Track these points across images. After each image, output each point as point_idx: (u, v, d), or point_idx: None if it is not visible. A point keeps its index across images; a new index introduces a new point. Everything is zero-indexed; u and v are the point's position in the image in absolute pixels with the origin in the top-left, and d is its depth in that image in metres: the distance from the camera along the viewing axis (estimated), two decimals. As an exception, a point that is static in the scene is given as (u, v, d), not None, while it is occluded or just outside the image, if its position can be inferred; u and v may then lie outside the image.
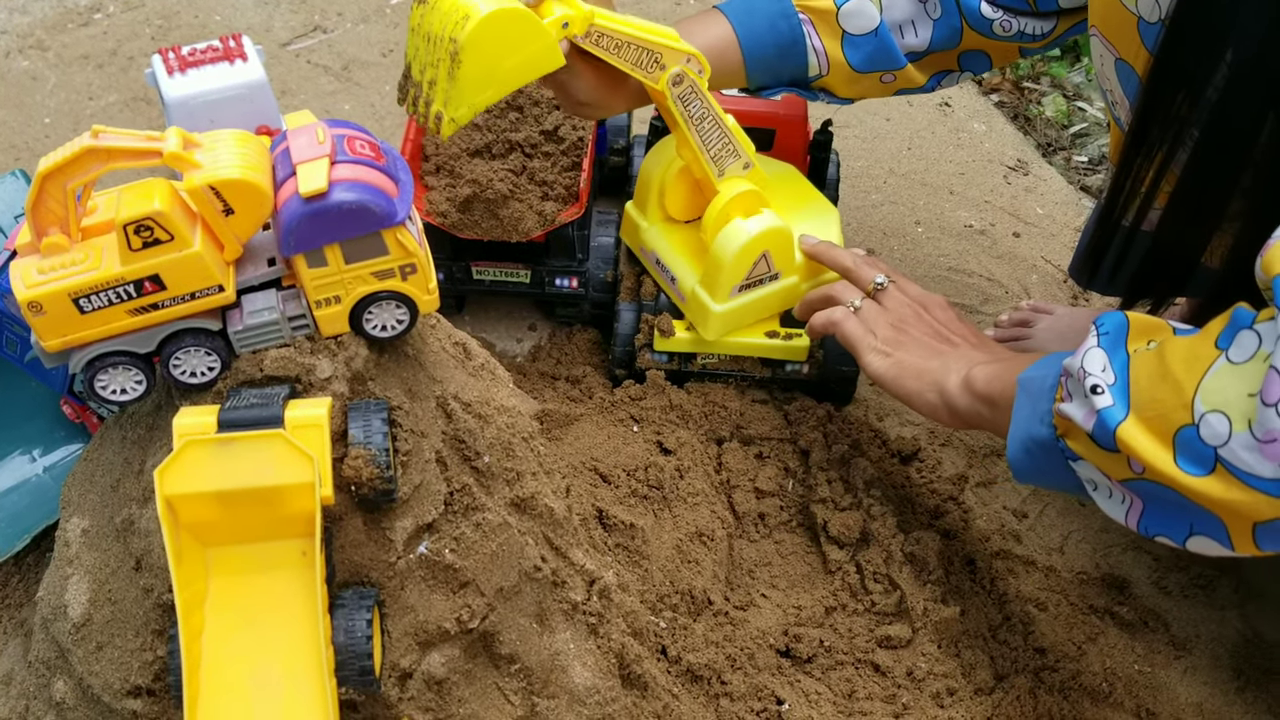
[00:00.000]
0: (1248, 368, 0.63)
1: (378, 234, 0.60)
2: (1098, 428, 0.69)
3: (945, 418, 0.90)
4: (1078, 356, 0.73)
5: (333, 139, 0.60)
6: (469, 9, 0.79)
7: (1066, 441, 0.74)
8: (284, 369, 0.62)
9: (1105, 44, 0.88)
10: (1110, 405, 0.69)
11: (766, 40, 1.00)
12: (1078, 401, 0.72)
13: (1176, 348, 0.68)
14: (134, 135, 0.56)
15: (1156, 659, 0.98)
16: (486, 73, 0.82)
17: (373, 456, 0.61)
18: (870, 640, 0.95)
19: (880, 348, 0.94)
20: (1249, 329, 0.64)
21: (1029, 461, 0.79)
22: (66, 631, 0.67)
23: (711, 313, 1.03)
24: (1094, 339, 0.73)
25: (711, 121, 0.96)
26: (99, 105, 1.48)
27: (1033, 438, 0.77)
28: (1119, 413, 0.69)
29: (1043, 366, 0.79)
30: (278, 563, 0.60)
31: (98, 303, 0.58)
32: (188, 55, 1.31)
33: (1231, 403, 0.63)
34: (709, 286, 1.02)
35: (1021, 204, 1.41)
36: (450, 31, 0.80)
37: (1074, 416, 0.72)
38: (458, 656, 0.67)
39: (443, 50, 0.81)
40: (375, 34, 1.60)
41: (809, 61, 1.03)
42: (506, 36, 0.81)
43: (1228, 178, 0.79)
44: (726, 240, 1.00)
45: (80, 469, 0.71)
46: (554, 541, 0.74)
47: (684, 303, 1.06)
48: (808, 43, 1.02)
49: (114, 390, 0.62)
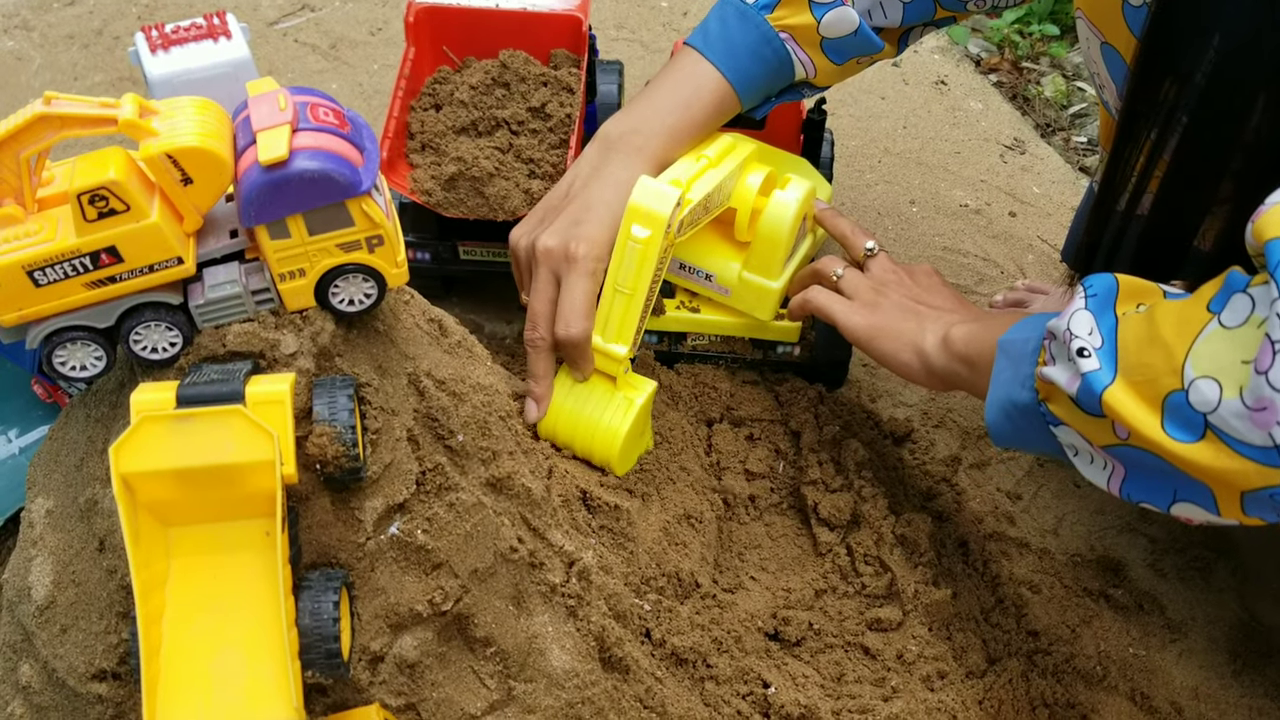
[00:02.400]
0: (1241, 333, 0.62)
1: (342, 204, 0.58)
2: (1083, 392, 0.68)
3: (922, 377, 0.90)
4: (1063, 318, 0.71)
5: (295, 106, 0.59)
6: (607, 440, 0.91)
7: (1048, 406, 0.73)
8: (247, 344, 0.60)
9: (1091, 28, 0.86)
10: (1097, 369, 0.67)
11: (756, 73, 1.00)
12: (1061, 365, 0.71)
13: (1167, 311, 0.66)
14: (88, 102, 0.55)
15: (1152, 642, 0.96)
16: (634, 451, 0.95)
17: (338, 434, 0.59)
18: (860, 623, 0.94)
19: (857, 309, 0.95)
20: (1243, 293, 0.63)
21: (1008, 425, 0.78)
22: (31, 614, 0.65)
23: (771, 291, 1.03)
24: (1081, 300, 0.71)
25: (699, 209, 0.96)
26: (84, 85, 1.46)
27: (1013, 401, 0.76)
28: (1106, 376, 0.67)
29: (1024, 329, 0.78)
30: (241, 543, 0.58)
31: (53, 275, 0.57)
32: (171, 33, 1.29)
33: (1224, 369, 0.62)
34: (762, 269, 1.02)
35: (1018, 183, 1.39)
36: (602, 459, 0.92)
37: (1057, 380, 0.70)
38: (431, 639, 0.66)
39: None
40: (363, 12, 1.58)
41: (795, 72, 1.03)
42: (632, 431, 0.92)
43: (1218, 161, 0.78)
44: (776, 218, 1.00)
45: (45, 448, 0.70)
46: (531, 522, 0.73)
47: (729, 295, 1.05)
48: (793, 58, 1.02)
49: (73, 366, 0.61)
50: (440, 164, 1.09)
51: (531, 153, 1.10)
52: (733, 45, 0.99)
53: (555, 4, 1.18)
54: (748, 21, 1.00)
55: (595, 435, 0.91)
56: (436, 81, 1.17)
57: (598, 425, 0.90)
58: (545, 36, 1.18)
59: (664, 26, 1.57)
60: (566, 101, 1.13)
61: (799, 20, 1.00)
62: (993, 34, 1.76)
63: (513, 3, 1.18)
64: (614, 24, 1.57)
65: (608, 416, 0.91)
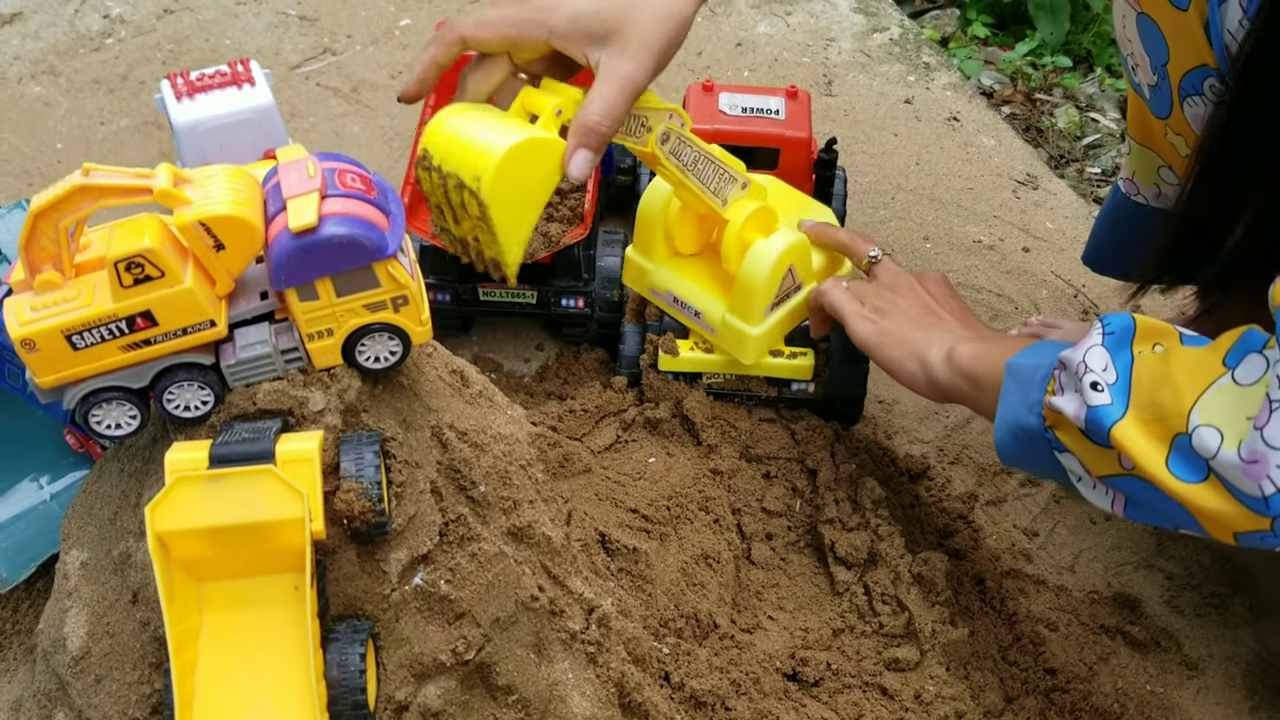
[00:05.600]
0: (1251, 391, 0.65)
1: (369, 267, 0.60)
2: (1091, 423, 0.71)
3: (924, 388, 0.91)
4: (1078, 351, 0.73)
5: (323, 173, 0.61)
6: (478, 160, 0.76)
7: (1055, 433, 0.75)
8: (277, 402, 0.62)
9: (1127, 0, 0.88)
10: (1108, 404, 0.70)
11: None
12: (1070, 395, 0.73)
13: (1184, 357, 0.69)
14: (124, 173, 0.57)
15: (1169, 679, 0.96)
16: (518, 207, 0.79)
17: (365, 490, 0.61)
18: (878, 663, 0.95)
19: (867, 314, 0.96)
20: (1259, 353, 0.66)
21: (1015, 446, 0.80)
22: (66, 664, 0.67)
23: (750, 337, 1.02)
24: (1098, 336, 0.73)
25: (704, 161, 0.96)
26: (110, 130, 1.49)
27: (1021, 425, 0.78)
28: (1116, 411, 0.70)
29: (1034, 355, 0.80)
30: (271, 598, 0.60)
31: (90, 339, 0.59)
32: (196, 80, 1.32)
33: (1229, 421, 0.65)
34: (742, 312, 1.02)
35: (1031, 219, 1.40)
36: (469, 189, 0.77)
37: (1065, 410, 0.73)
38: (454, 688, 0.67)
39: (471, 209, 0.78)
40: (384, 56, 1.61)
41: None
42: (521, 167, 0.78)
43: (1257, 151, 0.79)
44: (754, 264, 0.99)
45: (79, 501, 0.72)
46: (552, 570, 0.74)
47: (714, 334, 1.05)
48: None
49: (109, 425, 0.62)
50: (460, 208, 1.11)
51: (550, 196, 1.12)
52: None
53: (572, 50, 1.20)
54: None
55: (477, 147, 0.77)
56: (456, 127, 1.19)
57: (484, 139, 0.77)
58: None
59: (679, 66, 1.59)
60: (584, 146, 1.15)
61: None
62: (1005, 66, 1.77)
63: (530, 49, 1.20)
64: (629, 63, 1.59)
65: (502, 131, 0.77)
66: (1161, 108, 0.92)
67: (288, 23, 1.66)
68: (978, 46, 1.82)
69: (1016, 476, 1.12)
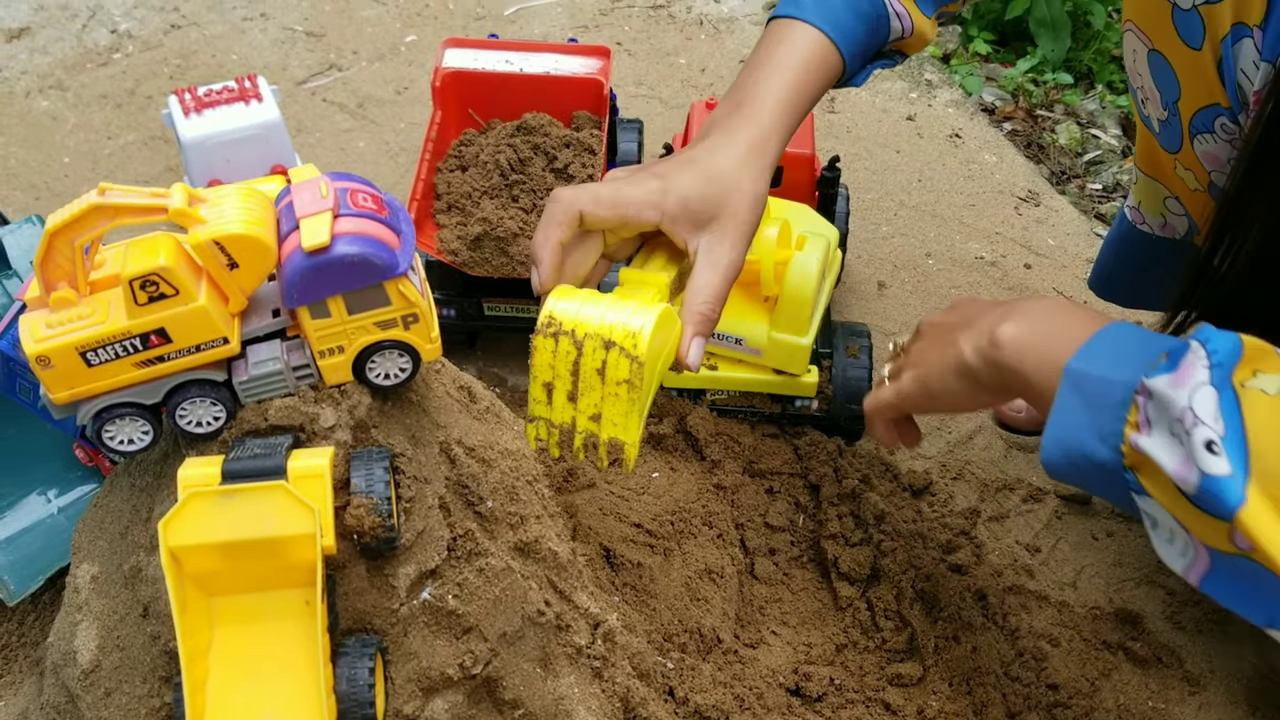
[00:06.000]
0: None
1: (380, 285, 0.61)
2: (1207, 495, 0.59)
3: (978, 397, 0.78)
4: (1181, 389, 0.61)
5: (335, 192, 0.61)
6: (629, 319, 0.72)
7: (1137, 475, 0.64)
8: (288, 418, 0.63)
9: (1139, 36, 0.87)
10: (1228, 475, 0.58)
11: (855, 28, 0.92)
12: (1164, 439, 0.61)
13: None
14: (139, 192, 0.57)
15: (1170, 695, 0.97)
16: (653, 377, 0.75)
17: (375, 505, 0.62)
18: (881, 678, 0.95)
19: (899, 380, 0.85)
20: None
21: (1070, 470, 0.69)
22: (75, 678, 0.68)
23: (803, 348, 1.05)
24: (1203, 370, 0.61)
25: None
26: (117, 144, 1.50)
27: (1084, 452, 0.66)
28: (1238, 487, 0.58)
29: (1101, 362, 0.67)
30: (281, 612, 0.60)
31: (105, 356, 0.59)
32: (204, 96, 1.33)
33: None
34: (791, 326, 1.03)
35: (1033, 235, 1.41)
36: (620, 347, 0.71)
37: (1160, 461, 0.61)
38: (461, 703, 0.67)
39: (615, 372, 0.72)
40: (390, 72, 1.62)
41: (892, 27, 0.97)
42: (663, 334, 0.75)
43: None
44: (799, 278, 1.01)
45: (90, 515, 0.72)
46: (558, 585, 0.75)
47: (761, 356, 1.07)
48: (889, 9, 0.95)
49: (121, 440, 0.63)
50: (466, 224, 1.12)
51: (555, 213, 1.13)
52: (831, 5, 0.91)
53: (577, 68, 1.22)
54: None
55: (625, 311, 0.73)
56: (462, 144, 1.20)
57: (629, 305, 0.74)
58: (568, 99, 1.21)
59: (682, 83, 1.60)
60: (589, 163, 1.16)
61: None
62: (1007, 83, 1.78)
63: (536, 67, 1.22)
64: (634, 80, 1.61)
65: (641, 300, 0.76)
66: (1171, 143, 0.91)
67: (294, 39, 1.67)
68: (979, 63, 1.83)
69: (1018, 493, 1.13)
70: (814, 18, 0.91)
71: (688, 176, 0.80)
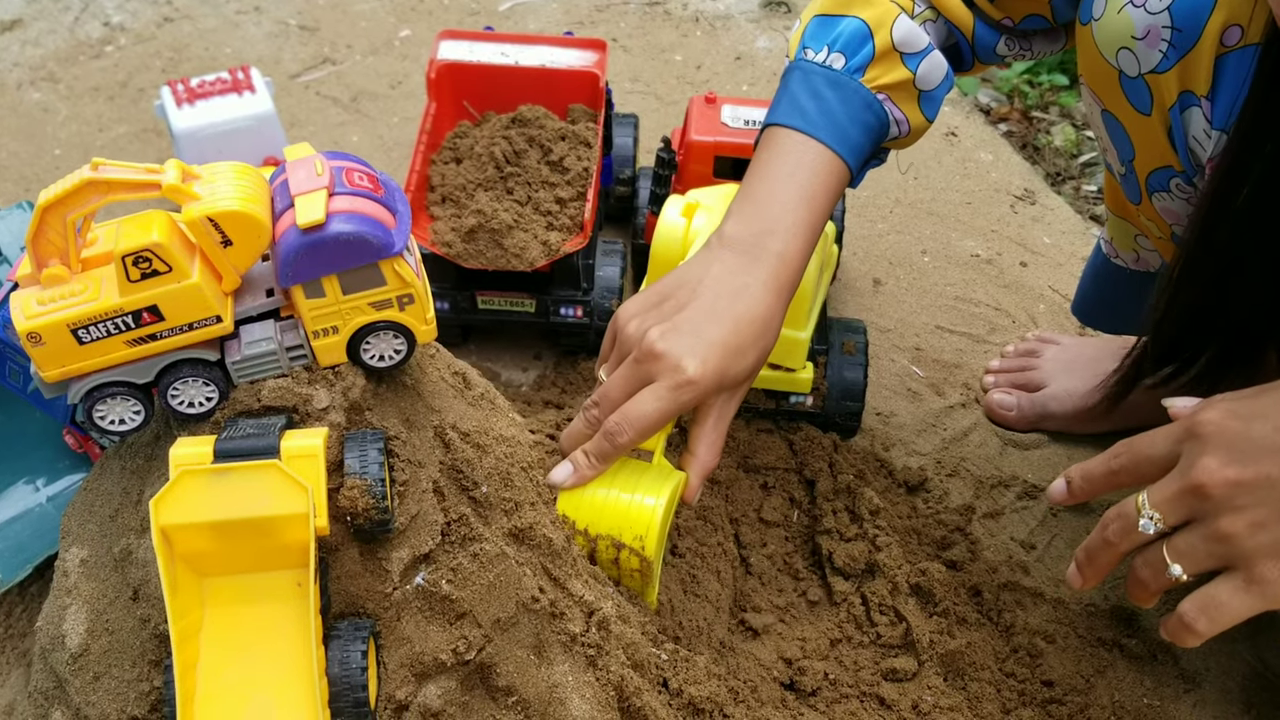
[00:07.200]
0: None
1: (375, 265, 0.61)
2: None
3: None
4: None
5: (331, 171, 0.61)
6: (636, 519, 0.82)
7: None
8: (281, 399, 0.62)
9: (1092, 95, 0.87)
10: None
11: (862, 142, 0.93)
12: None
13: None
14: (133, 168, 0.57)
15: (1166, 692, 0.96)
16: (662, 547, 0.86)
17: (368, 487, 0.61)
18: (875, 673, 0.95)
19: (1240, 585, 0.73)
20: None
21: None
22: (64, 661, 0.67)
23: (802, 343, 1.05)
24: None
25: None
26: (109, 137, 1.49)
27: None
28: None
29: None
30: (273, 593, 0.60)
31: (96, 333, 0.59)
32: (196, 87, 1.32)
33: None
34: (789, 321, 1.02)
35: (1028, 233, 1.41)
36: (630, 548, 0.83)
37: None
38: (454, 688, 0.67)
39: (629, 565, 0.84)
40: (384, 66, 1.62)
41: (889, 133, 0.97)
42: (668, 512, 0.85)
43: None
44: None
45: (80, 499, 0.71)
46: (552, 572, 0.74)
47: None
48: (890, 117, 0.95)
49: (112, 420, 0.62)
50: (460, 216, 1.11)
51: (549, 205, 1.13)
52: (836, 118, 0.91)
53: (573, 61, 1.21)
54: (844, 89, 0.91)
55: (629, 511, 0.83)
56: (457, 136, 1.19)
57: (631, 502, 0.83)
58: (563, 91, 1.21)
59: (678, 80, 1.60)
60: (584, 155, 1.16)
61: (895, 77, 0.92)
62: (1002, 84, 1.78)
63: (532, 59, 1.21)
64: (629, 77, 1.60)
65: (642, 490, 0.83)
66: (1133, 195, 0.91)
67: (288, 32, 1.66)
68: (975, 65, 1.83)
69: (1014, 489, 1.12)
70: (827, 137, 0.91)
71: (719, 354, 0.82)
